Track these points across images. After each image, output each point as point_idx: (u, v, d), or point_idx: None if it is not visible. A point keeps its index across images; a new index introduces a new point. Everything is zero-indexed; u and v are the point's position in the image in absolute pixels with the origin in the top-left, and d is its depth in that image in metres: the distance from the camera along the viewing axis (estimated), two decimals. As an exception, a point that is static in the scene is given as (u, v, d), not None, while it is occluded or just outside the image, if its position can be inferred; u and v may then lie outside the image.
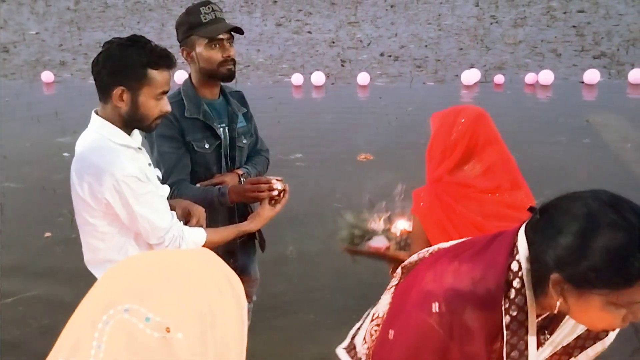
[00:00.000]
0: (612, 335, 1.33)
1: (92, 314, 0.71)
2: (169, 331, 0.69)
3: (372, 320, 1.56)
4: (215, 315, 0.73)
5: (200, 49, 2.31)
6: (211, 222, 2.21)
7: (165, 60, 1.85)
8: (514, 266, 1.20)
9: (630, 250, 1.05)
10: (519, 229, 1.24)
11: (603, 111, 7.52)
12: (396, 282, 1.54)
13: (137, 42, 1.83)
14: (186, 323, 0.70)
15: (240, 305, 0.80)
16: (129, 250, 1.93)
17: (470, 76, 8.99)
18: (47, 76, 9.93)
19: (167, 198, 2.23)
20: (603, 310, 1.10)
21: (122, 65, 1.80)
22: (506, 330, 1.20)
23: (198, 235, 2.00)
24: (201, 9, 2.30)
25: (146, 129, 1.93)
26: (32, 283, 4.02)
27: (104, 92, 1.86)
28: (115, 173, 1.77)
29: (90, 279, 2.03)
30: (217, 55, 2.31)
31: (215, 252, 2.07)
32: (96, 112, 1.91)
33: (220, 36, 2.30)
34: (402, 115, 7.58)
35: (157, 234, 1.89)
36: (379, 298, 2.15)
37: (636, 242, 1.05)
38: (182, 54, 2.37)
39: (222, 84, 2.46)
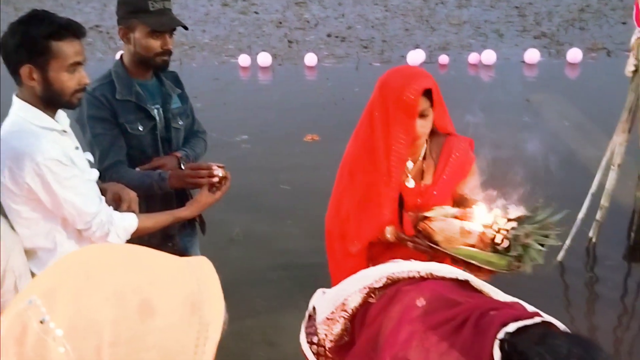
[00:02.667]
0: None
1: (16, 299, 0.70)
2: (54, 340, 0.66)
3: (341, 311, 1.44)
4: (119, 332, 0.67)
5: (139, 35, 2.25)
6: (148, 208, 2.18)
7: (69, 30, 1.77)
8: None
9: None
10: (494, 335, 1.13)
11: (543, 90, 7.73)
12: (376, 286, 1.40)
13: (37, 16, 1.75)
14: (76, 334, 0.66)
15: (202, 333, 0.72)
16: (56, 237, 1.88)
17: (416, 57, 9.08)
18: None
19: (103, 181, 2.19)
20: None
21: (25, 42, 1.72)
22: None
23: (128, 220, 1.95)
24: None
25: (68, 105, 1.86)
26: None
27: (14, 74, 1.79)
28: (36, 157, 1.71)
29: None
30: (156, 45, 2.26)
31: (153, 235, 2.05)
32: (17, 95, 1.84)
33: None
34: (348, 96, 7.59)
35: (83, 219, 1.84)
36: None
37: None
38: (119, 32, 2.31)
39: None
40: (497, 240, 1.83)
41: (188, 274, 0.76)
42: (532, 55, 8.98)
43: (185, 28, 2.35)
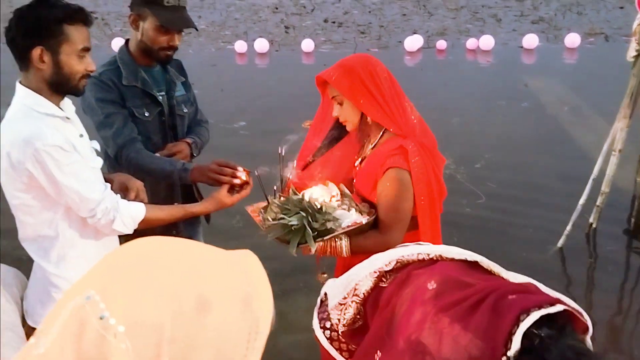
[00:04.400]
0: None
1: (70, 292, 0.69)
2: (115, 337, 0.65)
3: (353, 296, 1.45)
4: (178, 328, 0.67)
5: (148, 26, 2.22)
6: (152, 197, 2.14)
7: (80, 15, 1.78)
8: None
9: None
10: (512, 320, 1.13)
11: (541, 75, 7.71)
12: (386, 269, 1.42)
13: (46, 1, 1.76)
14: (137, 331, 0.66)
15: (253, 328, 0.71)
16: (59, 225, 1.86)
17: (413, 42, 9.04)
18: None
19: (120, 160, 2.17)
20: None
21: (37, 24, 1.72)
22: None
23: (137, 209, 1.93)
24: None
25: (74, 91, 1.85)
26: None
27: (23, 58, 1.77)
28: (35, 142, 1.69)
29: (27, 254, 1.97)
30: (162, 40, 2.24)
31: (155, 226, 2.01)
32: (20, 83, 1.82)
33: None
34: (346, 82, 7.56)
35: (87, 206, 1.81)
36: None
37: None
38: (129, 18, 2.28)
39: None
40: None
41: (237, 268, 0.75)
42: (531, 40, 8.95)
43: (196, 29, 2.34)
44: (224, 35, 10.16)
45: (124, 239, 2.11)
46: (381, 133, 2.02)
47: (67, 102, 1.89)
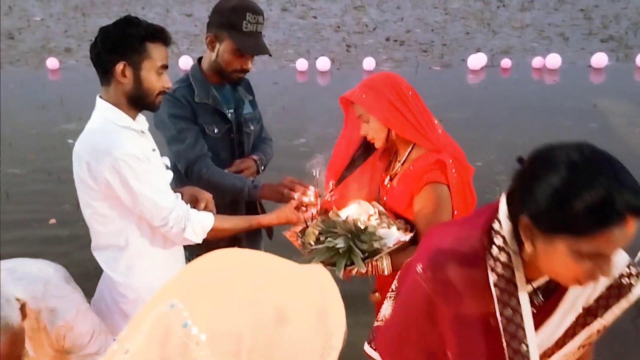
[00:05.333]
0: (637, 291, 1.30)
1: (152, 302, 0.72)
2: (197, 345, 0.67)
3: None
4: (257, 338, 0.68)
5: (224, 48, 2.28)
6: (217, 211, 2.18)
7: (161, 35, 1.88)
8: (496, 225, 1.23)
9: (594, 200, 1.04)
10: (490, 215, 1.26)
11: (611, 95, 7.45)
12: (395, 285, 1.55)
13: (132, 20, 1.86)
14: (218, 340, 0.67)
15: (327, 342, 0.72)
16: (129, 235, 1.93)
17: (477, 60, 8.92)
18: (52, 63, 9.91)
19: (191, 175, 2.25)
20: (567, 258, 1.10)
21: (122, 41, 1.82)
22: (494, 287, 1.21)
23: (206, 219, 1.98)
24: (247, 14, 2.23)
25: (150, 106, 1.93)
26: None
27: (106, 72, 1.86)
28: (114, 152, 1.77)
29: (97, 264, 2.04)
30: (236, 63, 2.30)
31: (222, 237, 2.06)
32: (100, 97, 1.91)
33: None
34: (407, 101, 7.53)
35: (160, 214, 1.87)
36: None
37: (600, 195, 1.04)
38: (206, 38, 2.35)
39: None
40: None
41: (312, 282, 0.76)
42: (599, 59, 8.69)
43: (270, 55, 2.39)
44: (287, 54, 10.31)
45: (188, 252, 2.16)
46: (409, 149, 2.02)
47: (142, 118, 1.98)
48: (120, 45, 1.82)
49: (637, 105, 7.04)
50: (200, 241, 1.97)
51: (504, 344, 1.21)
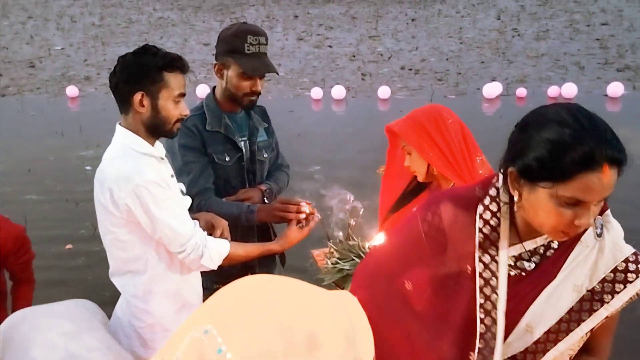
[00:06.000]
0: None
1: (187, 326, 0.73)
2: None
3: None
4: None
5: (232, 73, 2.32)
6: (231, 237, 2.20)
7: (178, 63, 1.91)
8: (493, 180, 1.34)
9: (569, 145, 1.15)
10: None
11: (627, 124, 7.41)
12: None
13: (149, 50, 1.90)
14: None
15: None
16: (148, 261, 1.94)
17: (492, 89, 8.94)
18: (71, 91, 10.08)
19: (192, 209, 2.25)
20: (549, 204, 1.19)
21: (139, 71, 1.86)
22: (478, 232, 1.31)
23: (222, 246, 2.00)
24: (248, 37, 2.28)
25: (168, 134, 1.96)
26: (51, 293, 4.05)
27: (124, 101, 1.90)
28: (135, 178, 1.80)
29: (112, 290, 2.05)
30: (245, 86, 2.33)
31: (234, 264, 2.08)
32: (120, 124, 1.94)
33: None
34: (422, 129, 7.55)
35: (179, 241, 1.89)
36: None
37: (576, 140, 1.15)
38: (214, 67, 2.39)
39: None
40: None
41: (340, 308, 0.76)
42: (616, 88, 8.67)
43: (277, 73, 2.41)
44: (302, 82, 10.41)
45: (203, 278, 2.18)
46: (451, 185, 2.00)
47: (159, 145, 2.00)
48: (138, 75, 1.85)
49: (655, 134, 6.98)
50: (215, 267, 1.99)
51: (477, 291, 1.29)
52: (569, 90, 8.69)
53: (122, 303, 2.04)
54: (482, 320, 1.30)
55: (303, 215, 2.21)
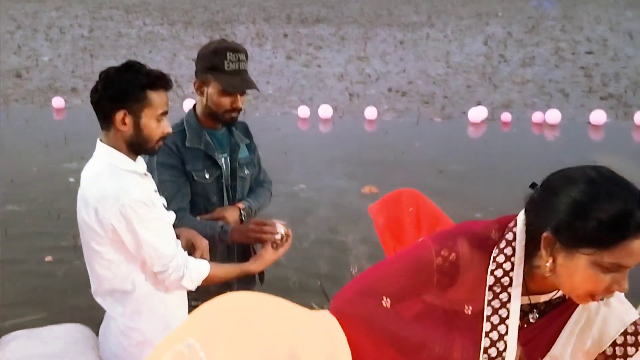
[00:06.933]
0: None
1: (170, 339, 0.73)
2: None
3: None
4: None
5: (212, 90, 2.32)
6: (211, 256, 2.20)
7: (162, 81, 1.89)
8: (511, 224, 1.32)
9: (615, 212, 1.12)
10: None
11: (609, 152, 7.51)
12: None
13: (133, 67, 1.88)
14: None
15: None
16: (135, 279, 1.92)
17: (478, 113, 9.02)
18: (57, 102, 10.00)
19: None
20: (588, 271, 1.15)
21: (122, 89, 1.84)
22: (490, 275, 1.28)
23: (203, 267, 1.99)
24: (228, 54, 2.28)
25: (150, 152, 1.95)
26: (31, 307, 3.99)
27: (106, 118, 1.88)
28: (121, 197, 1.78)
29: (92, 304, 2.03)
30: (226, 103, 2.33)
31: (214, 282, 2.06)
32: (101, 140, 1.92)
33: None
34: (408, 151, 7.59)
35: (161, 261, 1.88)
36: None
37: (619, 207, 1.13)
38: (194, 84, 2.39)
39: None
40: None
41: (321, 327, 0.77)
42: (599, 116, 8.78)
43: (257, 90, 2.42)
44: (290, 101, 10.44)
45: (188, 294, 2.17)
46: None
47: (140, 160, 1.99)
48: (120, 93, 1.83)
49: (636, 162, 7.08)
50: (194, 288, 1.98)
51: (483, 334, 1.25)
52: (553, 117, 8.80)
53: (108, 322, 2.01)
54: None
55: (278, 236, 2.20)
